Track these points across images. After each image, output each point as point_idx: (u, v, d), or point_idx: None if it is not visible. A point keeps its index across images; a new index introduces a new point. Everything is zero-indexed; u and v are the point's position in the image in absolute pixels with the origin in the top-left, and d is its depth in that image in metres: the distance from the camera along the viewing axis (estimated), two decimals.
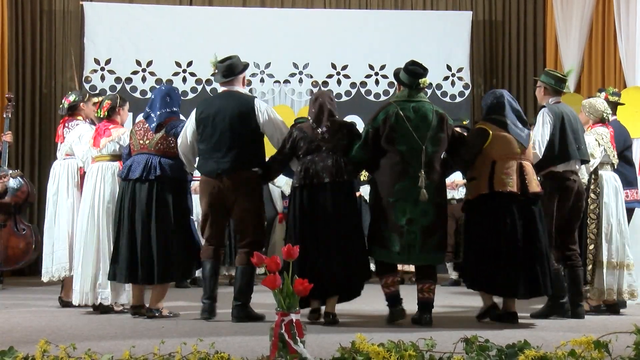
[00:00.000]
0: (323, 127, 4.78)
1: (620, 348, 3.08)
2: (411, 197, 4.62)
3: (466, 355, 3.12)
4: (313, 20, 9.14)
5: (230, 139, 4.80)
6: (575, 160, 5.05)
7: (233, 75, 4.97)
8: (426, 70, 4.86)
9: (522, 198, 4.68)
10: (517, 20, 9.38)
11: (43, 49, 8.91)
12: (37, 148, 8.79)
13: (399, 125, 4.66)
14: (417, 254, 4.67)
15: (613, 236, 5.31)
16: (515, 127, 4.77)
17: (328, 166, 4.68)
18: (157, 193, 4.93)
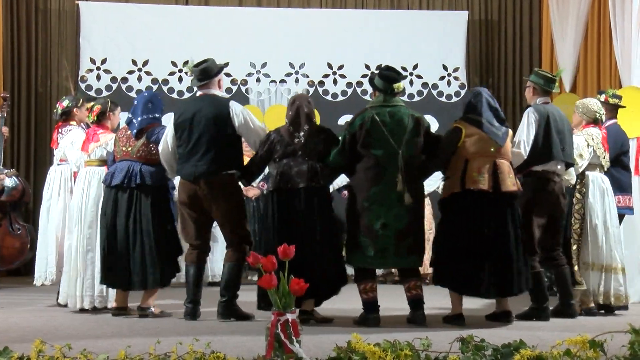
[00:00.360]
0: (300, 131, 4.79)
1: (616, 347, 3.09)
2: (386, 201, 4.64)
3: (462, 354, 3.12)
4: (309, 19, 9.13)
5: (207, 142, 4.83)
6: (558, 161, 5.01)
7: (208, 79, 4.99)
8: (400, 75, 4.90)
9: (494, 196, 4.65)
10: (512, 20, 9.40)
11: (38, 48, 8.88)
12: (32, 147, 8.76)
13: (374, 130, 4.68)
14: (392, 258, 4.69)
15: (598, 238, 5.24)
16: (491, 125, 4.75)
17: (303, 171, 4.69)
18: (137, 200, 5.00)
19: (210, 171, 4.81)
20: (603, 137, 5.38)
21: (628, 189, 5.74)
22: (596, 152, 5.30)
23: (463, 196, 4.69)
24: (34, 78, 8.84)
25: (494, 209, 4.67)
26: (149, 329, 4.47)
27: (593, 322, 4.81)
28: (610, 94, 5.87)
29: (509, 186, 4.69)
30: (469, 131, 4.75)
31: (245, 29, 8.91)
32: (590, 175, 5.31)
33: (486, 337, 3.30)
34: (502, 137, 4.77)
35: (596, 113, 5.40)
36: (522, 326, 4.65)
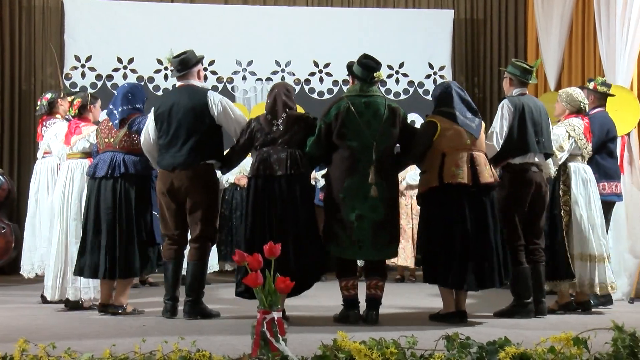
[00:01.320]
0: (278, 119, 4.78)
1: (599, 344, 3.12)
2: (360, 193, 4.62)
3: (447, 352, 3.13)
4: (295, 18, 9.12)
5: (185, 132, 4.83)
6: (535, 153, 4.97)
7: (187, 69, 5.00)
8: (379, 64, 4.83)
9: (473, 189, 4.64)
10: (498, 18, 9.44)
11: (22, 45, 8.80)
12: (16, 145, 8.69)
13: (349, 120, 4.65)
14: (368, 249, 4.67)
15: (583, 228, 5.20)
16: (465, 118, 4.73)
17: (282, 159, 4.67)
18: (121, 190, 5.01)
19: (188, 161, 4.81)
20: (585, 127, 5.31)
21: (615, 176, 5.69)
22: (577, 142, 5.24)
23: (442, 190, 4.66)
24: (17, 75, 8.76)
25: (474, 201, 4.65)
26: (134, 327, 4.45)
27: (577, 320, 4.84)
28: (600, 82, 5.81)
29: (486, 178, 4.67)
30: (444, 125, 4.72)
31: (232, 27, 8.90)
32: (572, 166, 5.27)
33: (471, 334, 3.31)
34: (477, 128, 4.75)
35: (580, 103, 5.34)
36: (507, 324, 4.67)
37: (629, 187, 6.29)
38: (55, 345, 3.20)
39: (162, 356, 3.12)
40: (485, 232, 4.64)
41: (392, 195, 4.75)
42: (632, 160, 6.41)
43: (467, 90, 9.29)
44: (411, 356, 3.13)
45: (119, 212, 5.00)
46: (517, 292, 4.95)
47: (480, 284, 4.66)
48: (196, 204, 4.85)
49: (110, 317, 4.92)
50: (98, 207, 5.05)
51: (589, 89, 5.73)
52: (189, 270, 4.89)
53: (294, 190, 4.66)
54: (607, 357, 3.08)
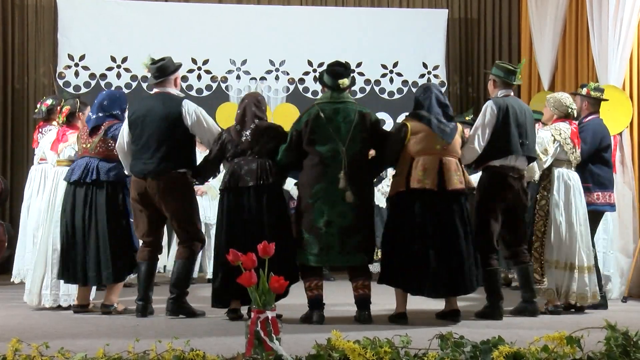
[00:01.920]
0: (247, 130, 4.79)
1: (592, 343, 3.13)
2: (329, 198, 4.61)
3: (441, 351, 3.14)
4: (290, 17, 9.11)
5: (157, 140, 4.85)
6: (517, 156, 4.89)
7: (164, 76, 5.01)
8: (349, 69, 4.82)
9: (440, 195, 4.58)
10: (492, 18, 9.45)
11: (15, 44, 8.77)
12: (9, 144, 8.65)
13: (319, 127, 4.65)
14: (336, 256, 4.64)
15: (561, 235, 5.10)
16: (438, 122, 4.67)
17: (252, 170, 4.69)
18: (93, 196, 5.06)
19: (159, 169, 4.84)
20: (573, 132, 5.25)
21: (609, 185, 5.60)
22: (563, 147, 5.17)
23: (408, 195, 4.62)
24: (10, 75, 8.72)
25: (440, 207, 4.59)
26: (127, 327, 4.44)
27: (570, 319, 4.85)
28: (593, 87, 5.74)
29: (455, 184, 4.61)
30: (415, 128, 4.67)
31: (226, 26, 8.89)
32: (556, 171, 5.18)
33: (465, 333, 3.32)
34: (450, 133, 4.68)
35: (568, 108, 5.28)
36: (501, 323, 4.68)
37: (620, 187, 6.31)
38: (49, 345, 3.20)
39: (155, 356, 3.12)
40: (452, 238, 4.57)
41: (363, 201, 4.69)
42: (624, 159, 6.43)
43: (461, 90, 9.42)
44: (405, 355, 3.14)
45: (90, 218, 5.05)
46: (488, 294, 4.89)
47: (448, 290, 4.62)
48: (174, 211, 4.90)
49: (104, 317, 4.91)
50: (73, 212, 5.10)
51: (582, 96, 5.67)
52: (175, 267, 4.92)
53: (263, 200, 4.67)
54: (600, 355, 3.09)
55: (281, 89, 9.01)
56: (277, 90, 9.01)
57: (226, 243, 4.63)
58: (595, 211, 5.46)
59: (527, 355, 3.07)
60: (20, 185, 8.50)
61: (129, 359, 3.14)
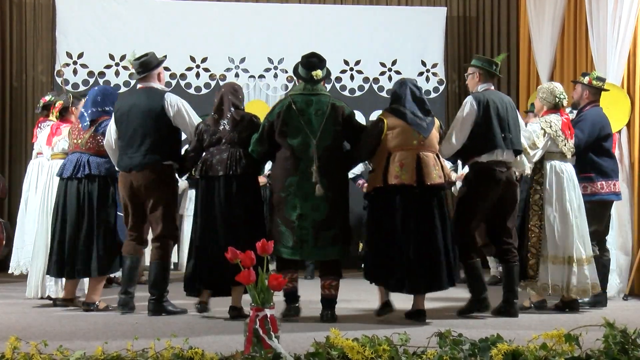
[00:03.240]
0: (224, 119, 4.80)
1: (590, 341, 3.13)
2: (301, 192, 4.58)
3: (440, 349, 3.14)
4: (288, 15, 9.12)
5: (141, 134, 4.90)
6: (502, 150, 4.83)
7: (147, 71, 5.04)
8: (323, 61, 4.77)
9: (418, 190, 4.53)
10: (490, 16, 9.46)
11: (13, 42, 8.77)
12: (7, 141, 8.66)
13: (291, 118, 4.62)
14: (310, 249, 4.61)
15: (558, 229, 5.02)
16: (415, 116, 4.61)
17: (223, 159, 4.70)
18: (84, 191, 5.13)
19: (144, 163, 4.88)
20: (564, 123, 5.16)
21: (612, 174, 5.53)
22: (555, 139, 5.09)
23: (386, 191, 4.58)
24: (8, 72, 8.73)
25: (419, 202, 4.54)
26: (126, 325, 4.44)
27: (569, 317, 4.86)
28: (595, 76, 5.65)
29: (434, 179, 4.56)
30: (392, 123, 4.62)
31: (224, 24, 8.89)
32: (548, 164, 5.11)
33: (463, 331, 3.32)
34: (427, 127, 4.63)
35: (556, 98, 5.19)
36: (499, 321, 4.68)
37: (619, 185, 6.31)
38: (47, 343, 3.19)
39: (154, 354, 3.11)
40: (432, 234, 4.53)
41: (336, 194, 4.65)
42: (622, 157, 6.43)
43: (460, 88, 9.41)
44: (404, 353, 3.14)
45: (82, 212, 5.11)
46: (471, 288, 4.86)
47: (426, 287, 4.56)
48: (155, 204, 4.92)
49: (102, 316, 4.91)
50: (65, 207, 5.17)
51: (583, 84, 5.62)
52: (151, 269, 4.95)
53: (233, 190, 4.68)
54: (598, 353, 3.09)
55: (280, 86, 9.02)
56: (275, 88, 9.01)
57: (199, 231, 4.72)
58: (601, 201, 5.41)
59: (525, 353, 3.06)
60: (18, 183, 8.50)
61: (128, 357, 3.13)
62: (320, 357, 3.06)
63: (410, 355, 3.13)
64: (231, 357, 3.15)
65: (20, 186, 6.80)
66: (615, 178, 5.57)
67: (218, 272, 4.59)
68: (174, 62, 8.78)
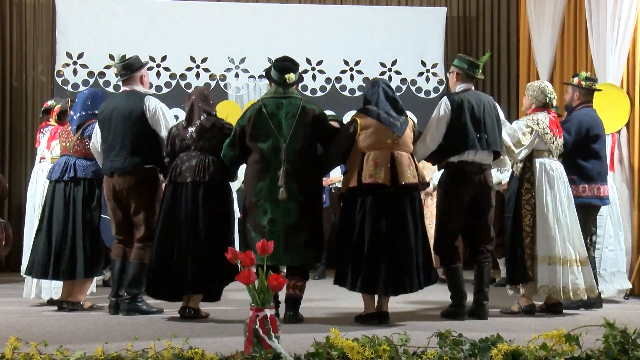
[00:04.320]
0: (192, 126, 4.80)
1: (590, 341, 3.13)
2: (272, 196, 4.54)
3: (440, 349, 3.14)
4: (288, 15, 9.12)
5: (123, 138, 4.94)
6: (475, 151, 4.76)
7: (130, 74, 5.09)
8: (297, 65, 4.77)
9: (392, 190, 4.48)
10: (490, 16, 9.46)
11: (13, 42, 8.77)
12: (7, 142, 8.66)
13: (261, 122, 4.59)
14: (281, 255, 4.53)
15: (549, 229, 4.92)
16: (388, 116, 4.58)
17: (192, 166, 4.70)
18: (70, 193, 5.20)
19: (125, 166, 4.92)
20: (551, 121, 5.07)
21: (597, 178, 5.38)
22: (542, 137, 4.99)
23: (360, 191, 4.53)
24: (8, 72, 8.73)
25: (393, 202, 4.49)
26: (126, 326, 4.44)
27: (569, 317, 4.86)
28: (584, 77, 5.55)
29: (408, 179, 4.51)
30: (365, 123, 4.58)
31: (224, 24, 8.89)
32: (537, 162, 5.01)
33: (463, 332, 3.31)
34: (401, 127, 4.59)
35: (546, 97, 5.11)
36: (499, 321, 4.68)
37: (619, 185, 6.31)
38: (47, 343, 3.19)
39: (154, 354, 3.11)
40: (404, 234, 4.48)
41: (308, 199, 4.61)
42: (622, 157, 6.43)
43: None
44: (404, 353, 3.14)
45: (67, 214, 5.17)
46: (451, 293, 4.80)
47: (396, 288, 4.49)
48: (137, 208, 4.97)
49: (101, 316, 4.92)
50: (52, 209, 5.23)
51: (573, 86, 5.57)
52: (130, 268, 4.98)
53: (199, 197, 4.67)
54: (598, 353, 3.09)
55: None
56: None
57: (160, 236, 4.73)
58: (583, 204, 5.27)
59: (525, 353, 3.06)
60: (18, 183, 8.53)
61: (128, 357, 3.13)
62: (320, 357, 3.06)
63: (410, 356, 3.13)
64: (231, 358, 3.15)
65: (20, 186, 6.84)
66: (601, 182, 5.43)
67: (176, 278, 4.64)
68: (174, 62, 8.79)
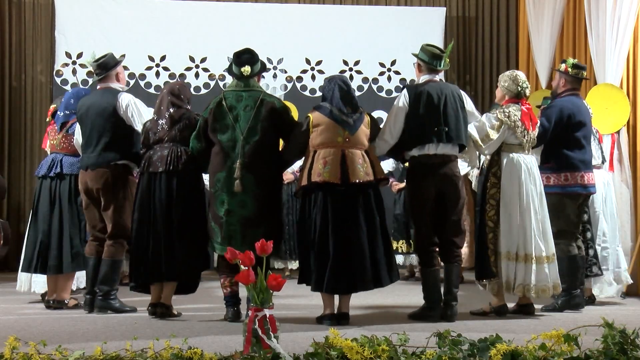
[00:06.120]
0: (162, 119, 4.87)
1: (589, 341, 3.13)
2: (228, 187, 4.57)
3: (439, 349, 3.14)
4: (288, 15, 9.10)
5: (97, 134, 5.03)
6: (436, 144, 4.63)
7: (105, 72, 5.15)
8: (255, 57, 4.78)
9: (343, 188, 4.45)
10: (490, 16, 9.45)
11: (12, 42, 8.76)
12: (6, 142, 8.65)
13: (220, 115, 4.65)
14: (238, 246, 4.45)
15: (514, 225, 4.77)
16: (341, 113, 4.54)
17: (163, 156, 4.76)
18: (55, 189, 5.34)
19: (98, 162, 5.00)
20: (524, 113, 4.90)
21: (581, 166, 5.19)
22: (513, 131, 4.84)
23: (311, 189, 4.52)
24: (7, 72, 8.72)
25: (343, 201, 4.46)
26: (125, 325, 4.44)
27: (567, 317, 4.86)
28: (571, 63, 5.38)
29: (360, 177, 4.47)
30: (317, 120, 4.56)
31: (223, 24, 8.87)
32: (505, 156, 4.87)
33: (462, 332, 3.32)
34: (354, 124, 4.54)
35: (518, 87, 4.95)
36: (498, 321, 4.68)
37: (618, 185, 6.31)
38: (46, 343, 3.19)
39: (153, 353, 3.11)
40: (355, 233, 4.44)
41: (265, 191, 4.60)
42: (621, 157, 6.43)
43: (459, 87, 9.39)
44: (403, 353, 3.14)
45: (52, 210, 5.30)
46: (424, 294, 4.71)
47: (348, 287, 4.46)
48: (107, 203, 5.03)
49: (101, 316, 4.91)
50: (37, 204, 5.39)
51: (560, 72, 5.43)
52: (102, 265, 5.02)
53: (173, 186, 4.73)
54: (597, 353, 3.10)
55: (279, 87, 9.01)
56: (275, 88, 9.00)
57: (135, 225, 4.81)
58: (566, 193, 5.13)
59: (524, 354, 3.07)
60: (17, 183, 8.53)
61: (127, 357, 3.13)
62: (319, 357, 3.06)
63: (409, 356, 3.13)
64: (230, 357, 3.15)
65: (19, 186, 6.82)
66: (585, 170, 5.22)
67: (153, 267, 4.71)
68: (173, 62, 8.78)
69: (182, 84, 5.26)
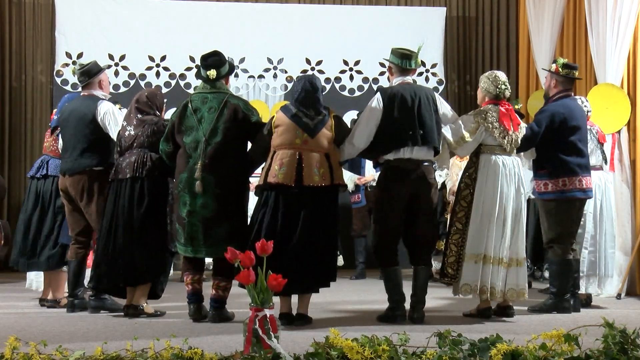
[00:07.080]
0: (130, 126, 4.94)
1: (590, 341, 3.13)
2: (190, 188, 4.59)
3: (439, 349, 3.14)
4: (288, 15, 9.12)
5: (75, 140, 5.11)
6: (411, 148, 4.55)
7: (88, 79, 5.25)
8: (222, 59, 4.80)
9: (296, 191, 4.42)
10: (490, 16, 9.46)
11: (12, 42, 8.76)
12: (6, 142, 8.65)
13: (185, 117, 4.69)
14: (200, 246, 4.59)
15: (481, 227, 4.66)
16: (304, 115, 4.49)
17: (131, 162, 4.83)
18: (41, 189, 5.50)
19: (74, 167, 5.08)
20: (502, 113, 4.78)
21: (577, 170, 5.08)
22: (490, 132, 4.73)
23: (266, 190, 4.51)
24: (7, 72, 8.72)
25: (294, 203, 4.43)
26: (125, 326, 4.44)
27: (567, 317, 4.86)
28: (561, 63, 5.26)
29: (314, 181, 4.43)
30: (279, 121, 4.54)
31: (223, 24, 8.89)
32: (483, 157, 4.76)
33: (463, 331, 3.32)
34: (315, 127, 4.49)
35: (497, 88, 4.84)
36: (498, 321, 4.68)
37: (618, 185, 6.31)
38: (46, 343, 3.19)
39: (154, 354, 3.11)
40: (304, 235, 4.39)
41: (225, 191, 4.59)
42: (622, 157, 6.43)
43: (459, 88, 9.42)
44: (403, 353, 3.14)
45: (34, 208, 5.47)
46: (388, 296, 4.65)
47: (301, 287, 4.41)
48: (86, 208, 5.10)
49: (101, 317, 4.92)
50: (26, 203, 5.57)
51: (551, 72, 5.33)
52: (70, 269, 5.16)
53: (136, 191, 4.80)
54: (597, 353, 3.10)
55: (279, 87, 9.02)
56: (275, 88, 9.02)
57: (103, 231, 4.87)
58: (565, 198, 5.08)
59: (525, 353, 3.07)
60: (17, 183, 8.53)
61: (127, 357, 3.13)
62: (319, 357, 3.06)
63: (409, 356, 3.13)
64: (230, 357, 3.15)
65: (19, 186, 6.81)
66: (583, 174, 5.12)
67: (116, 272, 4.78)
68: (173, 62, 8.79)
69: (154, 91, 5.27)
